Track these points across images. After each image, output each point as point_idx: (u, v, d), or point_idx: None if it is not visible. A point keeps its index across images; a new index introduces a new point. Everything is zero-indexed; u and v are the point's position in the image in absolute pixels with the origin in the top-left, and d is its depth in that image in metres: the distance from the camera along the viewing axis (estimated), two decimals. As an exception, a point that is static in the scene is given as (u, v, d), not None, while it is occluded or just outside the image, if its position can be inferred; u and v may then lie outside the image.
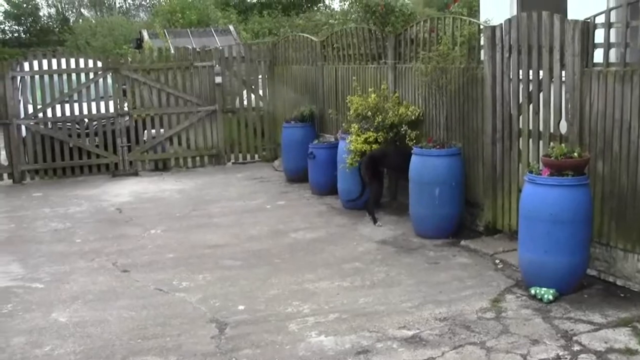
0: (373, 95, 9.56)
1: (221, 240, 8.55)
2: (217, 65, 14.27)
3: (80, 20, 47.68)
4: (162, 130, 14.03)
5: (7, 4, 49.30)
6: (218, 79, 14.26)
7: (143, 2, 49.98)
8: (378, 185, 9.39)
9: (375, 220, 8.91)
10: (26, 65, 13.42)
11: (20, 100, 13.37)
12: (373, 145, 9.21)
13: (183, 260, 7.79)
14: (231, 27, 23.76)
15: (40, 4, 50.75)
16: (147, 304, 6.46)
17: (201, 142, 14.28)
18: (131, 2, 53.93)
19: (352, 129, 9.49)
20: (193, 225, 9.41)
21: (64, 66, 13.48)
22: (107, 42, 33.01)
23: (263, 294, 6.60)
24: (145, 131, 14.05)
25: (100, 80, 13.75)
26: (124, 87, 13.99)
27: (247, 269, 7.39)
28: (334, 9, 27.19)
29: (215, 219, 9.71)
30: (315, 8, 32.72)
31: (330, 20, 16.99)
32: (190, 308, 6.33)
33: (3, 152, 13.53)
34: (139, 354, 5.39)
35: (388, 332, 5.57)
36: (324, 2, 35.71)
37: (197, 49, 14.64)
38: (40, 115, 13.39)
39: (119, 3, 52.36)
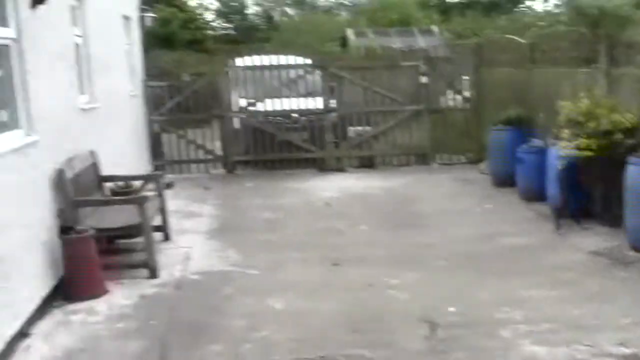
0: (585, 101, 9.17)
1: (428, 239, 8.52)
2: (422, 65, 14.25)
3: (284, 18, 49.27)
4: (368, 127, 14.21)
5: (218, 2, 51.81)
6: (423, 79, 14.24)
7: (344, 1, 50.85)
8: (586, 193, 8.99)
9: (558, 227, 8.59)
10: (241, 61, 14.06)
11: (234, 94, 14.02)
12: (585, 152, 8.83)
13: (391, 257, 7.84)
14: (434, 27, 23.66)
15: (247, 2, 52.96)
16: (358, 298, 6.55)
17: (407, 141, 14.30)
18: (333, 0, 55.06)
19: (563, 135, 9.15)
20: (400, 223, 9.45)
21: (275, 62, 13.99)
22: (311, 39, 33.87)
23: (472, 297, 6.51)
24: (351, 128, 14.27)
25: (309, 76, 14.15)
26: (331, 84, 14.29)
27: (455, 271, 7.32)
28: (536, 9, 26.45)
29: (421, 218, 9.70)
30: (517, 9, 31.96)
31: (538, 22, 16.50)
32: (401, 306, 6.35)
33: (218, 143, 14.21)
34: (351, 347, 5.47)
35: (604, 348, 5.30)
36: (524, 2, 34.79)
37: (403, 49, 14.68)
38: (252, 108, 13.97)
39: (322, 1, 53.61)
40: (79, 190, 7.52)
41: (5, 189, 5.68)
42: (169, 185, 9.01)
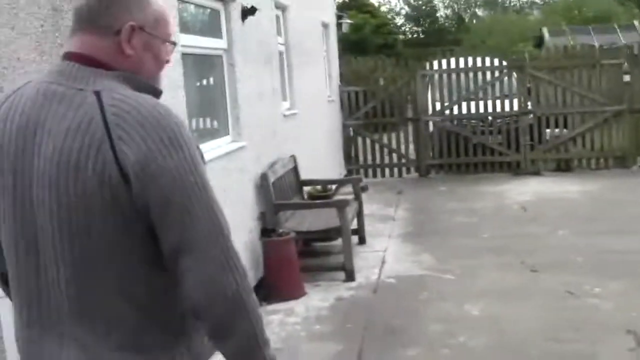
0: None
1: (633, 246, 8.12)
2: (625, 63, 13.59)
3: (474, 20, 48.65)
4: (565, 130, 13.76)
5: (408, 6, 51.99)
6: (626, 78, 13.58)
7: (537, 0, 49.50)
8: None
9: None
10: (435, 64, 14.07)
11: (428, 98, 14.04)
12: None
13: (592, 264, 7.54)
14: (636, 23, 22.51)
15: (437, 5, 52.78)
16: (558, 306, 6.36)
17: (605, 144, 13.72)
18: (525, 0, 53.72)
19: None
20: (599, 229, 9.06)
21: (469, 65, 13.87)
22: (502, 40, 33.25)
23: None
24: (548, 130, 13.88)
25: (505, 78, 13.92)
26: (528, 85, 13.97)
27: (664, 281, 6.94)
28: None
29: (624, 224, 9.25)
30: None
31: None
32: (603, 315, 6.09)
33: (411, 146, 14.28)
34: (550, 356, 5.33)
35: None
36: None
37: (603, 46, 14.08)
38: (447, 112, 13.94)
39: (513, 2, 52.47)
40: (280, 194, 7.83)
41: (215, 191, 6.02)
42: (363, 189, 9.16)
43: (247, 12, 7.09)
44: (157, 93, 1.99)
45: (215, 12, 6.67)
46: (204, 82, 6.90)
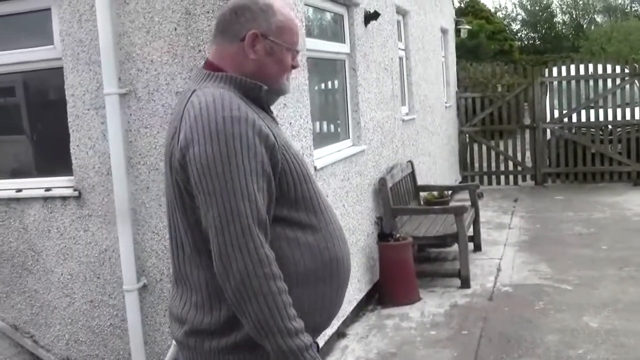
0: None
1: None
2: None
3: (593, 26, 47.32)
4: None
5: (524, 12, 51.08)
6: None
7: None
8: None
9: None
10: (554, 71, 13.81)
11: (546, 105, 13.80)
12: None
13: None
14: None
15: (555, 11, 51.63)
16: (681, 322, 6.18)
17: None
18: (646, 5, 51.87)
19: None
20: None
21: (590, 72, 13.55)
22: (622, 47, 32.25)
23: None
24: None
25: (626, 86, 13.52)
26: (651, 93, 13.55)
27: None
28: None
29: None
30: None
31: None
32: None
33: (528, 154, 14.06)
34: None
35: None
36: None
37: None
38: (565, 120, 13.66)
39: (634, 7, 50.75)
40: (397, 199, 7.89)
41: (335, 194, 6.13)
42: (479, 196, 9.12)
43: (370, 17, 7.18)
44: (261, 92, 2.25)
45: (338, 17, 6.79)
46: (327, 85, 7.02)
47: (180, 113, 2.16)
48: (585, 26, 49.54)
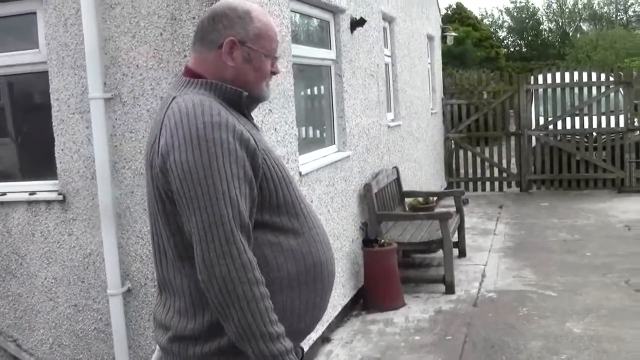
0: None
1: None
2: None
3: (579, 34, 47.64)
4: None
5: (511, 19, 51.38)
6: None
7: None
8: None
9: None
10: (540, 78, 13.89)
11: (532, 112, 13.87)
12: None
13: None
14: None
15: (541, 18, 51.95)
16: (664, 328, 6.23)
17: None
18: (632, 14, 52.23)
19: None
20: None
21: (575, 80, 13.63)
22: (608, 55, 32.49)
23: None
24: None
25: (611, 94, 13.61)
26: (635, 102, 13.63)
27: None
28: None
29: None
30: None
31: None
32: None
33: (513, 161, 14.14)
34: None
35: None
36: None
37: None
38: (550, 127, 13.74)
39: (620, 16, 51.14)
40: (382, 205, 7.91)
41: (320, 200, 6.14)
42: (464, 202, 9.16)
43: (356, 23, 7.21)
44: (241, 98, 2.26)
45: (324, 23, 6.81)
46: (312, 91, 7.04)
47: (161, 120, 2.17)
48: (571, 34, 49.93)
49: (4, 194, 5.11)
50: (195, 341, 2.17)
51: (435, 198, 10.21)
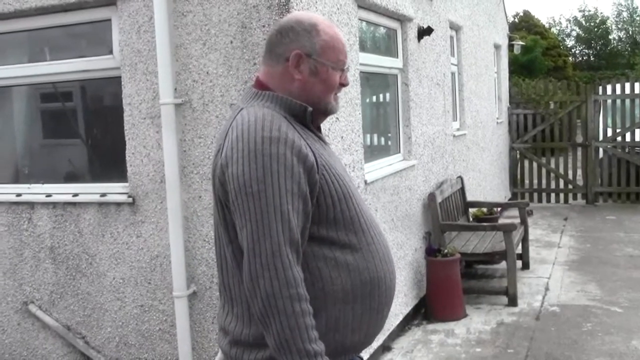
0: None
1: None
2: None
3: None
4: None
5: (579, 28, 50.47)
6: None
7: None
8: None
9: None
10: (608, 89, 13.63)
11: (599, 123, 13.63)
12: None
13: None
14: None
15: (610, 27, 50.90)
16: None
17: None
18: None
19: None
20: None
21: (644, 90, 13.37)
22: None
23: None
24: None
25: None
26: None
27: None
28: None
29: None
30: None
31: None
32: None
33: (579, 172, 13.91)
34: None
35: None
36: None
37: None
38: (619, 138, 13.47)
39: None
40: (446, 214, 7.87)
41: (384, 208, 6.15)
42: (528, 214, 9.05)
43: (424, 32, 7.20)
44: (305, 113, 2.28)
45: (392, 32, 6.82)
46: (378, 99, 7.05)
47: (226, 131, 2.23)
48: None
49: (76, 194, 5.25)
50: (250, 347, 2.21)
51: (499, 209, 10.11)
